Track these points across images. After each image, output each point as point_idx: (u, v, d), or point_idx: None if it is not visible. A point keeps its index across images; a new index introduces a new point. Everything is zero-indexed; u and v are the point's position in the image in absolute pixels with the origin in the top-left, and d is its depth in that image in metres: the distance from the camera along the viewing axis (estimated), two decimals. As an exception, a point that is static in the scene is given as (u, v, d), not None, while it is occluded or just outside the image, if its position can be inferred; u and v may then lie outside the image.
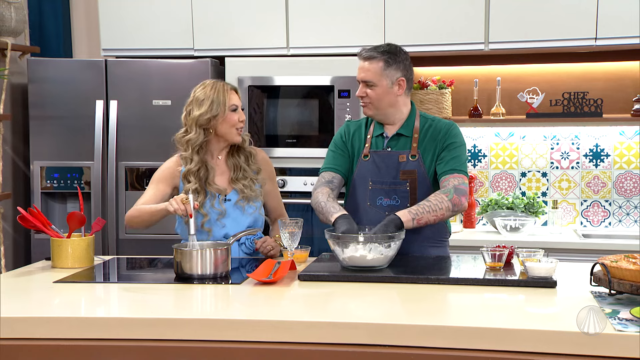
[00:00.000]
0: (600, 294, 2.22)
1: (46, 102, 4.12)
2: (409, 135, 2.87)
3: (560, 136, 4.31)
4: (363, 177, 2.88)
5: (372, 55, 2.82)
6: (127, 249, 4.06)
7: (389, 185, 2.84)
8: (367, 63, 2.82)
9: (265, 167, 3.04)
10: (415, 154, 2.84)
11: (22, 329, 2.07)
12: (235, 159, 2.96)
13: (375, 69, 2.81)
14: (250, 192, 2.93)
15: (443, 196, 2.71)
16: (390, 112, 2.87)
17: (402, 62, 2.84)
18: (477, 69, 4.35)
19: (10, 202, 4.26)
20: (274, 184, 3.10)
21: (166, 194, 2.93)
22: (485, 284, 2.39)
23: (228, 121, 2.88)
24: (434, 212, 2.69)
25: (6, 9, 4.11)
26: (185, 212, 2.66)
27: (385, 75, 2.81)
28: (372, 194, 2.86)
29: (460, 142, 2.85)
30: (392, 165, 2.85)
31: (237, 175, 2.94)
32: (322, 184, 2.88)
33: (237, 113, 2.90)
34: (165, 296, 2.37)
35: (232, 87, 2.95)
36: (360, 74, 2.84)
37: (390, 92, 2.83)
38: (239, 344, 2.01)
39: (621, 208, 4.27)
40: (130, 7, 4.29)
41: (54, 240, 2.78)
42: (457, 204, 2.72)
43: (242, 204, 2.92)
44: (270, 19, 4.15)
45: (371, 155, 2.88)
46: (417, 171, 2.82)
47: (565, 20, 3.91)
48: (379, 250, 2.51)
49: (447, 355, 1.92)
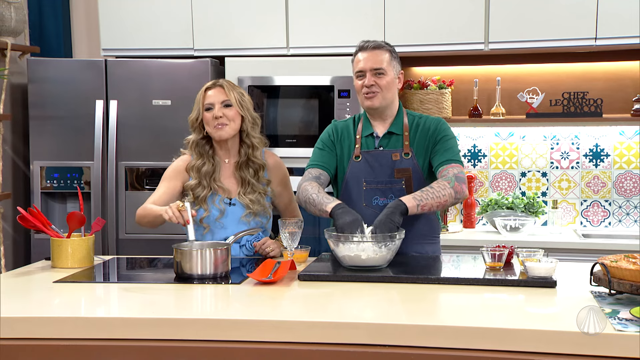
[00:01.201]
0: (600, 293, 2.22)
1: (46, 102, 4.12)
2: (400, 133, 2.87)
3: (560, 136, 4.32)
4: (356, 177, 2.87)
5: (380, 45, 2.86)
6: (127, 249, 4.06)
7: (384, 185, 2.84)
8: (375, 52, 2.84)
9: (276, 172, 3.01)
10: (408, 152, 2.84)
11: (22, 329, 2.07)
12: (243, 173, 2.93)
13: (385, 58, 2.85)
14: (258, 207, 2.91)
15: (445, 183, 2.72)
16: (389, 106, 2.89)
17: (398, 57, 2.92)
18: (477, 69, 4.35)
19: (10, 202, 4.26)
20: (287, 188, 3.04)
21: (177, 190, 2.94)
22: (485, 283, 2.39)
23: (205, 120, 2.89)
24: (438, 198, 2.68)
25: (6, 8, 4.12)
26: (181, 220, 2.64)
27: (392, 66, 2.86)
28: (367, 194, 2.86)
29: (451, 135, 2.88)
30: (386, 164, 2.85)
31: (246, 189, 2.92)
32: (309, 179, 2.85)
33: (212, 111, 2.86)
34: (165, 296, 2.37)
35: (215, 83, 2.91)
36: (367, 63, 2.83)
37: (394, 84, 2.88)
38: (238, 344, 2.01)
39: (621, 208, 4.27)
40: (130, 7, 4.29)
41: (54, 240, 2.78)
42: (459, 191, 2.72)
43: (248, 220, 2.91)
44: (270, 19, 4.15)
45: (363, 155, 2.88)
46: (412, 169, 2.83)
47: (565, 20, 3.91)
48: (378, 250, 2.51)
49: (447, 355, 1.92)
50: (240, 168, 2.94)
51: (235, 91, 2.90)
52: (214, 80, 2.95)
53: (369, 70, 2.83)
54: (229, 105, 2.87)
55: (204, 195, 2.88)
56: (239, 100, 2.89)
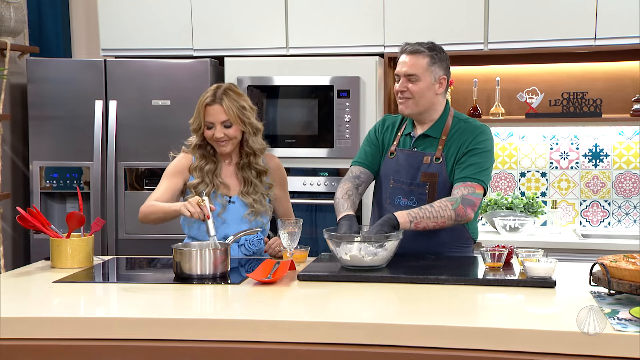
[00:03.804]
0: (599, 294, 2.22)
1: (45, 102, 4.12)
2: (437, 136, 2.82)
3: (559, 136, 4.32)
4: (386, 174, 2.88)
5: (418, 49, 2.78)
6: (127, 249, 4.05)
7: (408, 186, 2.82)
8: (412, 57, 2.77)
9: (276, 174, 3.01)
10: (439, 157, 2.79)
11: (22, 329, 2.07)
12: (245, 173, 2.93)
13: (422, 63, 2.77)
14: (260, 207, 2.92)
15: (448, 204, 2.67)
16: (427, 111, 2.82)
17: (445, 61, 2.82)
18: (477, 69, 4.35)
19: (9, 202, 4.26)
20: (284, 189, 3.06)
21: (179, 188, 2.94)
22: (484, 284, 2.39)
23: (207, 136, 2.88)
24: (435, 218, 2.65)
25: (5, 8, 4.11)
26: (202, 215, 2.65)
27: (430, 71, 2.77)
28: (392, 192, 2.85)
29: (483, 148, 2.77)
30: (414, 165, 2.82)
31: (248, 189, 2.92)
32: (348, 179, 2.89)
33: (212, 130, 2.84)
34: (164, 296, 2.37)
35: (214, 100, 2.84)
36: (402, 67, 2.78)
37: (432, 89, 2.79)
38: (238, 344, 2.00)
39: (620, 208, 4.27)
40: (130, 7, 4.29)
41: (53, 241, 2.78)
42: (461, 214, 2.67)
43: (250, 219, 2.91)
44: (269, 19, 4.15)
45: (397, 153, 2.87)
46: (439, 174, 2.78)
47: (565, 20, 3.91)
48: (373, 250, 2.51)
49: (446, 355, 1.92)
50: (242, 169, 2.94)
51: (235, 106, 2.84)
52: (214, 93, 2.86)
53: (403, 75, 2.78)
54: (228, 126, 2.85)
55: (207, 192, 2.88)
56: (239, 116, 2.84)
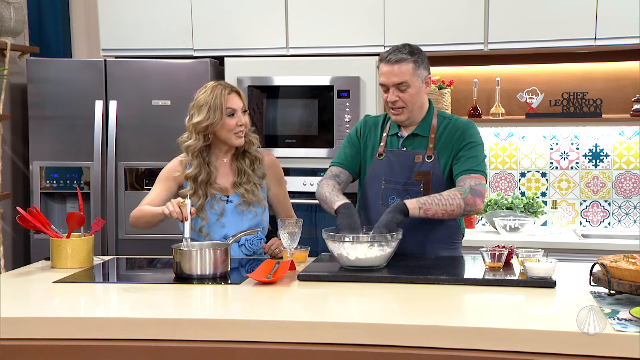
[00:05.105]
0: (599, 294, 2.22)
1: (45, 102, 4.12)
2: (425, 135, 2.83)
3: (559, 136, 4.32)
4: (376, 175, 2.87)
5: (401, 57, 2.75)
6: (127, 249, 4.06)
7: (402, 186, 2.82)
8: (396, 66, 2.75)
9: (272, 170, 3.02)
10: (431, 155, 2.80)
11: (22, 329, 2.07)
12: (239, 163, 2.94)
13: (408, 70, 2.75)
14: (252, 197, 2.91)
15: (457, 193, 2.68)
16: (419, 112, 2.84)
17: (425, 60, 2.83)
18: (477, 69, 4.35)
19: (9, 202, 4.26)
20: (282, 186, 3.06)
21: (172, 192, 2.93)
22: (484, 284, 2.39)
23: (226, 126, 2.85)
24: (444, 206, 2.65)
25: (5, 9, 4.11)
26: (180, 216, 2.64)
27: (417, 75, 2.77)
28: (384, 193, 2.85)
29: (477, 142, 2.81)
30: (407, 165, 2.82)
31: (241, 179, 2.93)
32: (328, 177, 2.88)
33: (236, 117, 2.86)
34: (164, 296, 2.37)
35: (232, 89, 2.89)
36: (390, 78, 2.76)
37: (421, 92, 2.81)
38: (238, 344, 2.01)
39: (620, 208, 4.28)
40: (130, 7, 4.29)
41: (54, 241, 2.78)
42: (470, 204, 2.68)
43: (242, 208, 2.91)
44: (269, 19, 4.15)
45: (386, 154, 2.86)
46: (432, 172, 2.79)
47: (565, 20, 3.91)
48: (375, 250, 2.51)
49: (446, 355, 1.92)
50: (237, 159, 2.95)
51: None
52: (224, 84, 2.90)
53: (391, 85, 2.77)
54: (245, 111, 2.91)
55: (200, 204, 2.87)
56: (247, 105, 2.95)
